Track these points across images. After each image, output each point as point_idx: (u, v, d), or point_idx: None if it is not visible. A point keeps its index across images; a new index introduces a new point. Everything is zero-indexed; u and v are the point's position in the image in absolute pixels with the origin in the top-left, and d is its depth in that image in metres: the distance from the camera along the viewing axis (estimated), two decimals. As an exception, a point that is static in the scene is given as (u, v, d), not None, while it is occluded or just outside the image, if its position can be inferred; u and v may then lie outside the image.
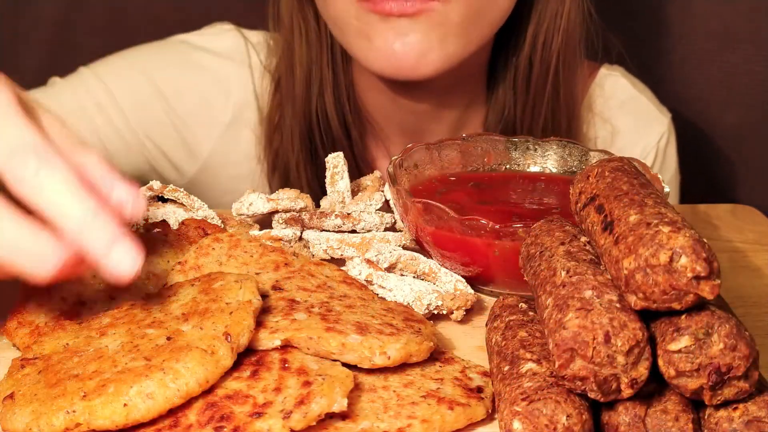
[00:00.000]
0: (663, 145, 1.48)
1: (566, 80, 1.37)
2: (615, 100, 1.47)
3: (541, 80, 1.35)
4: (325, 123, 1.38)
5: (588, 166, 0.86)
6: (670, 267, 0.65)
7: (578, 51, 1.37)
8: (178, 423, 0.70)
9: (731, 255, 1.07)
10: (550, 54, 1.33)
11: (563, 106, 1.38)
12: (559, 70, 1.35)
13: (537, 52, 1.33)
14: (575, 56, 1.37)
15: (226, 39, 1.45)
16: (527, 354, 0.74)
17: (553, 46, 1.33)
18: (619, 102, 1.47)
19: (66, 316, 0.85)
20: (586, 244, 0.78)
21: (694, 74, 1.77)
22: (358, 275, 0.93)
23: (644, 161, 1.44)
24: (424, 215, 0.94)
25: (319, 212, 1.02)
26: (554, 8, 1.31)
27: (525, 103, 1.37)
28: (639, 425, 0.68)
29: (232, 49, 1.44)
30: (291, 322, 0.77)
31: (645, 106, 1.49)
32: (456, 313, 0.91)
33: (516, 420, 0.67)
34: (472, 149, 1.11)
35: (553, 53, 1.33)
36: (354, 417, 0.72)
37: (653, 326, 0.69)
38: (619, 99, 1.47)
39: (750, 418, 0.66)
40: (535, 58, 1.34)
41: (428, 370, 0.79)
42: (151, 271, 0.91)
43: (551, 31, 1.32)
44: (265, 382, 0.73)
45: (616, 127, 1.46)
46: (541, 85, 1.35)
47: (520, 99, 1.37)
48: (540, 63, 1.34)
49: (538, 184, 1.08)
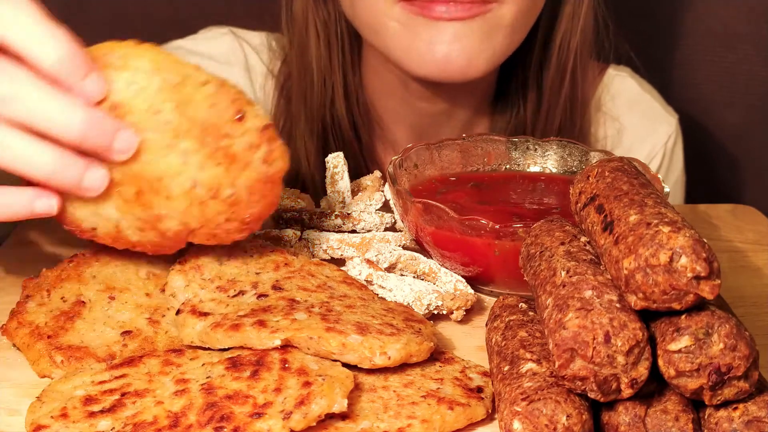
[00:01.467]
0: (670, 146, 1.48)
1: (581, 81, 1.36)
2: (622, 101, 1.46)
3: (557, 81, 1.34)
4: (337, 125, 1.37)
5: (588, 166, 0.86)
6: (670, 267, 0.65)
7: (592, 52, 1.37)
8: (178, 423, 0.70)
9: (731, 255, 1.07)
10: (567, 55, 1.32)
11: (578, 107, 1.38)
12: (576, 71, 1.34)
13: (552, 53, 1.32)
14: (589, 57, 1.37)
15: (221, 43, 1.44)
16: (527, 354, 0.74)
17: (570, 46, 1.32)
18: (626, 102, 1.46)
19: (66, 316, 0.85)
20: (586, 244, 0.78)
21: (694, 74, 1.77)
22: (358, 275, 0.93)
23: (651, 162, 1.43)
24: (424, 215, 0.94)
25: (319, 212, 1.02)
26: (571, 9, 1.30)
27: (537, 104, 1.36)
28: (639, 425, 0.68)
29: (228, 52, 1.43)
30: (291, 322, 0.78)
31: (652, 107, 1.48)
32: (456, 313, 0.91)
33: (516, 420, 0.67)
34: (473, 149, 1.11)
35: (571, 54, 1.32)
36: (354, 417, 0.72)
37: (653, 326, 0.69)
38: (626, 99, 1.47)
39: (750, 418, 0.66)
40: (550, 59, 1.33)
41: (428, 370, 0.79)
42: (151, 272, 0.91)
43: (568, 32, 1.31)
44: (265, 383, 0.73)
45: (623, 128, 1.45)
46: (557, 86, 1.34)
47: (531, 100, 1.36)
48: (556, 64, 1.33)
49: (538, 184, 1.08)
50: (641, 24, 1.73)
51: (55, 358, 0.81)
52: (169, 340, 0.84)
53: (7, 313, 0.88)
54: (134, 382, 0.76)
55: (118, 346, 0.82)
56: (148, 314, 0.86)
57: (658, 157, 1.47)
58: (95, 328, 0.84)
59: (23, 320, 0.85)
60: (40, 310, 0.87)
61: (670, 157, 1.48)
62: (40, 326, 0.84)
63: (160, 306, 0.87)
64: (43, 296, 0.88)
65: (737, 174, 1.81)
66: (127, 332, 0.84)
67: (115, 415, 0.72)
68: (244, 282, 0.86)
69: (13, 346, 0.85)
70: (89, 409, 0.73)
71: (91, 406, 0.73)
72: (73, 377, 0.77)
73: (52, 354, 0.81)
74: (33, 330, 0.84)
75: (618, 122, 1.45)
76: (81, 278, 0.89)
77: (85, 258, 0.92)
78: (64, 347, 0.82)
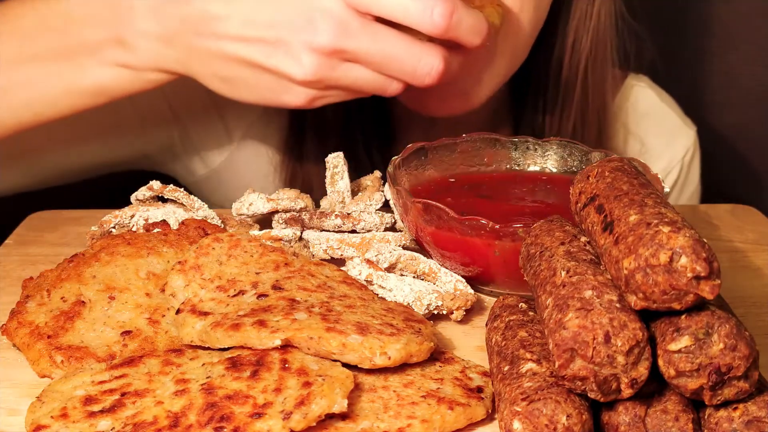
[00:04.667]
0: (688, 161, 1.46)
1: (596, 86, 1.34)
2: (642, 112, 1.44)
3: (570, 83, 1.33)
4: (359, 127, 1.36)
5: (588, 166, 0.86)
6: (670, 267, 0.65)
7: (609, 57, 1.34)
8: (178, 423, 0.70)
9: (731, 255, 1.07)
10: (579, 55, 1.31)
11: (592, 112, 1.35)
12: (588, 74, 1.32)
13: (566, 54, 1.31)
14: (606, 61, 1.34)
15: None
16: (527, 354, 0.74)
17: (582, 46, 1.30)
18: (644, 114, 1.44)
19: (66, 316, 0.85)
20: (586, 244, 0.78)
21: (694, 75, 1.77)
22: (358, 275, 0.93)
23: (668, 176, 1.41)
24: (424, 215, 0.94)
25: (319, 212, 1.02)
26: (583, 8, 1.29)
27: (554, 108, 1.34)
28: (639, 425, 0.68)
29: None
30: (291, 322, 0.78)
31: (671, 119, 1.46)
32: (456, 313, 0.91)
33: (516, 420, 0.67)
34: (472, 149, 1.11)
35: (582, 54, 1.31)
36: (354, 417, 0.72)
37: (653, 326, 0.69)
38: (644, 111, 1.45)
39: (750, 418, 0.66)
40: (563, 60, 1.31)
41: (428, 370, 0.79)
42: (151, 272, 0.91)
43: (580, 31, 1.30)
44: (265, 383, 0.73)
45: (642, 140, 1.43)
46: (570, 89, 1.33)
47: (549, 103, 1.35)
48: (569, 65, 1.32)
49: (538, 184, 1.08)
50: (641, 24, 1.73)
51: (55, 358, 0.81)
52: (169, 340, 0.84)
53: (7, 313, 0.88)
54: (134, 382, 0.76)
55: (118, 346, 0.82)
56: (148, 314, 0.86)
57: (675, 171, 1.45)
58: (95, 328, 0.84)
59: (23, 320, 0.86)
60: (40, 310, 0.87)
61: (687, 171, 1.46)
62: (40, 326, 0.84)
63: (160, 306, 0.87)
64: (43, 296, 0.88)
65: (737, 174, 1.81)
66: (127, 332, 0.84)
67: (115, 415, 0.72)
68: (244, 282, 0.86)
69: (13, 346, 0.85)
70: (89, 409, 0.73)
71: (91, 406, 0.73)
72: (73, 377, 0.77)
73: (52, 354, 0.81)
74: (33, 330, 0.84)
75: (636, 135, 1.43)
76: (81, 278, 0.89)
77: (85, 258, 0.92)
78: (64, 347, 0.82)
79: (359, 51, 0.96)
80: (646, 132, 1.45)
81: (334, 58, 0.97)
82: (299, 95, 1.01)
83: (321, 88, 1.00)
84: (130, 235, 0.96)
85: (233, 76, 1.01)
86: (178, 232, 0.97)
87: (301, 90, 1.00)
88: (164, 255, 0.93)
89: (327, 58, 0.97)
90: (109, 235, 1.00)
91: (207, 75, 1.03)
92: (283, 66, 0.98)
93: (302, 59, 0.97)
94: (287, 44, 0.97)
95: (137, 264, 0.91)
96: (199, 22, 0.99)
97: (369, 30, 0.96)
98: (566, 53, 1.31)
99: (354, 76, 0.99)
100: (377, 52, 0.97)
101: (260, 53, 0.98)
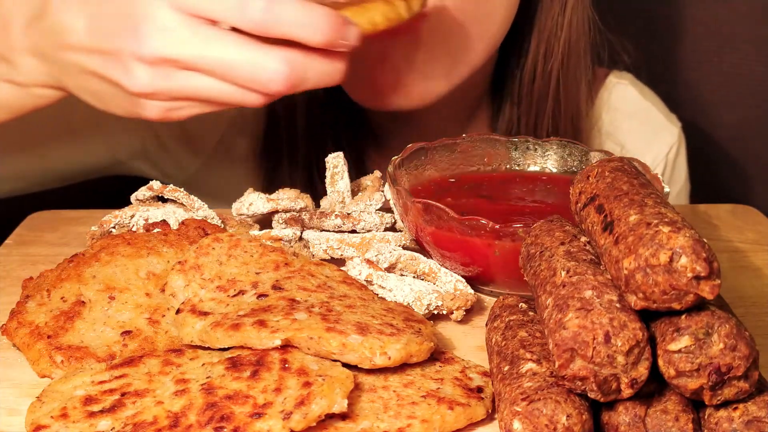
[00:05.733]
0: (672, 157, 1.45)
1: (569, 92, 1.33)
2: (623, 111, 1.44)
3: (543, 92, 1.32)
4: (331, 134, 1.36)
5: (588, 166, 0.86)
6: (670, 267, 0.65)
7: (583, 62, 1.33)
8: (178, 423, 0.70)
9: (731, 255, 1.07)
10: (551, 65, 1.30)
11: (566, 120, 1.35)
12: (560, 83, 1.31)
13: (539, 63, 1.30)
14: (579, 68, 1.33)
15: None
16: (527, 354, 0.74)
17: (554, 56, 1.29)
18: (627, 113, 1.44)
19: (66, 316, 0.85)
20: (586, 244, 0.78)
21: (693, 75, 1.77)
22: (358, 275, 0.93)
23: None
24: (424, 215, 0.94)
25: (319, 212, 1.02)
26: (555, 18, 1.28)
27: (528, 116, 1.34)
28: (639, 425, 0.68)
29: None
30: (291, 322, 0.78)
31: (654, 117, 1.46)
32: (456, 313, 0.91)
33: (516, 420, 0.67)
34: (472, 149, 1.11)
35: (555, 64, 1.30)
36: (354, 417, 0.72)
37: (653, 326, 0.69)
38: (627, 109, 1.44)
39: (750, 418, 0.66)
40: (537, 69, 1.31)
41: (428, 370, 0.79)
42: (151, 272, 0.91)
43: (552, 41, 1.29)
44: (265, 383, 0.73)
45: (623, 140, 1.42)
46: (543, 97, 1.32)
47: (523, 111, 1.34)
48: (542, 74, 1.31)
49: (538, 184, 1.08)
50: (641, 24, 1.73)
51: (55, 358, 0.81)
52: (169, 340, 0.84)
53: (7, 313, 0.88)
54: (134, 382, 0.76)
55: (118, 346, 0.82)
56: (148, 314, 0.86)
57: (660, 168, 1.44)
58: (95, 328, 0.84)
59: (23, 320, 0.86)
60: (40, 310, 0.87)
61: (672, 167, 1.46)
62: (40, 326, 0.84)
63: (160, 306, 0.87)
64: (43, 296, 0.88)
65: (737, 174, 1.82)
66: (127, 332, 0.84)
67: (115, 415, 0.72)
68: (244, 282, 0.86)
69: (13, 346, 0.85)
70: (89, 409, 0.73)
71: (91, 406, 0.73)
72: (73, 377, 0.77)
73: (52, 354, 0.81)
74: (33, 330, 0.84)
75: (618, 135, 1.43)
76: (81, 278, 0.89)
77: (85, 258, 0.92)
78: (64, 347, 0.82)
79: (191, 59, 0.87)
80: (628, 130, 1.44)
81: (167, 67, 0.88)
82: (150, 108, 0.92)
83: (167, 99, 0.91)
84: (130, 235, 0.96)
85: (95, 89, 0.94)
86: (178, 232, 0.97)
87: (147, 102, 0.91)
88: (164, 255, 0.93)
89: (158, 67, 0.88)
90: (109, 235, 1.00)
91: (78, 88, 0.96)
92: (118, 77, 0.90)
93: (133, 70, 0.88)
94: (119, 54, 0.89)
95: (137, 264, 0.91)
96: (56, 35, 0.92)
97: (201, 35, 0.86)
98: (539, 63, 1.30)
99: (195, 86, 0.89)
100: (213, 60, 0.87)
101: (100, 65, 0.90)
